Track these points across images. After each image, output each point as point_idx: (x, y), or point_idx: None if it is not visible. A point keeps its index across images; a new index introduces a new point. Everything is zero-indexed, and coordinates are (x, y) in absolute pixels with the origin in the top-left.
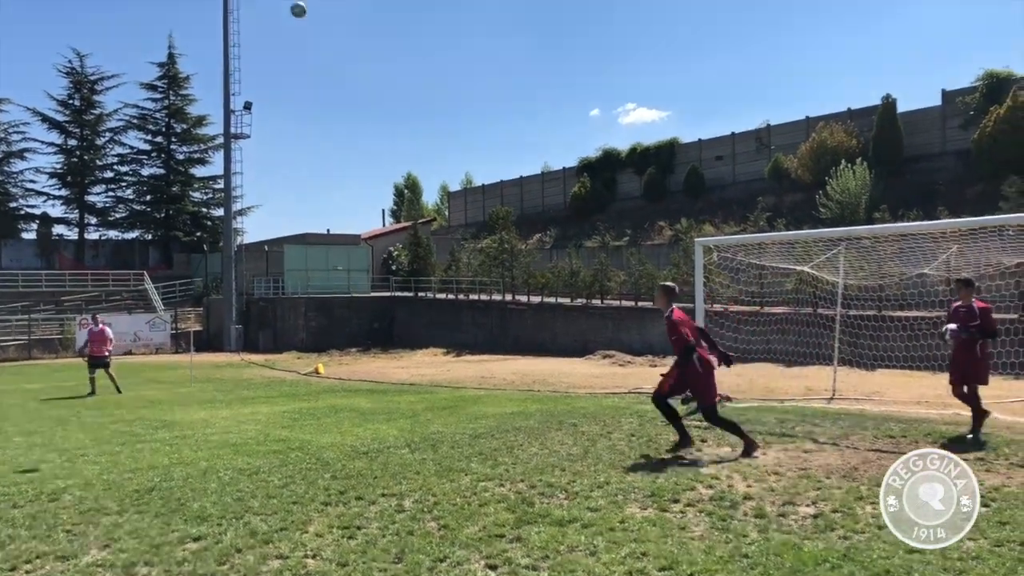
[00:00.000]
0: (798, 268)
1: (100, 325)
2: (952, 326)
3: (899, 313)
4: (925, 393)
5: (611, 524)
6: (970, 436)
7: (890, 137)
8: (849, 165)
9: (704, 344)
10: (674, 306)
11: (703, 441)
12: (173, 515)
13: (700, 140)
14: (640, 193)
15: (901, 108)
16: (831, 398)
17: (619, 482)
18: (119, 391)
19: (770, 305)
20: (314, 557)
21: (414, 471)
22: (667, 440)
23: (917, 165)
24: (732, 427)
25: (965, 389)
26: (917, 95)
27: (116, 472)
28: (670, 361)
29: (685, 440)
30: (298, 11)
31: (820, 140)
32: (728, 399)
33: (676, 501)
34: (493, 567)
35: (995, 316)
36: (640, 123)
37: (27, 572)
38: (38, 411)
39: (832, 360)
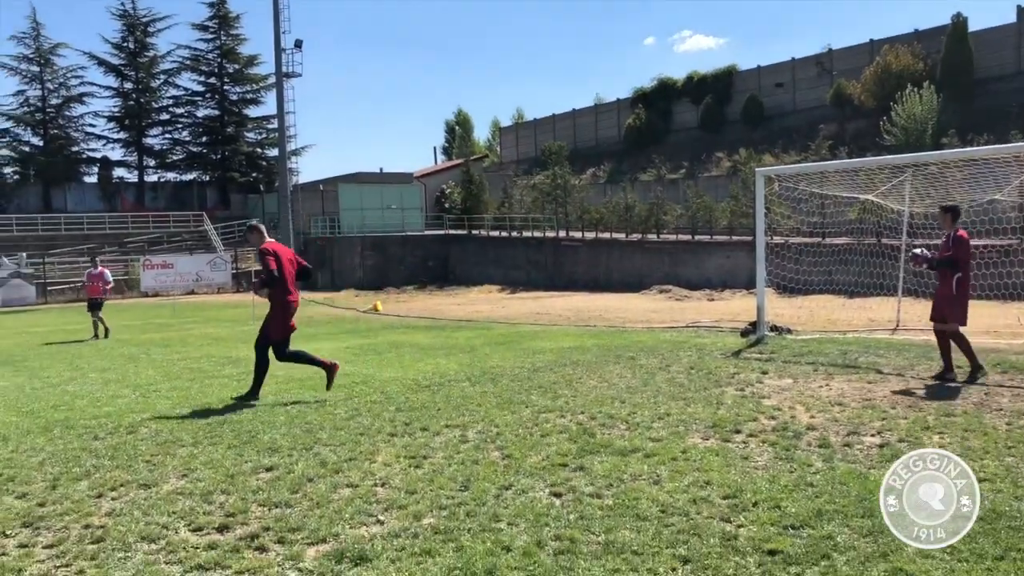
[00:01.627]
0: (862, 197)
1: (100, 267)
2: (917, 250)
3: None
4: (994, 323)
5: (673, 454)
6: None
7: (960, 58)
8: (915, 89)
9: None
10: (267, 239)
11: (764, 373)
12: (245, 447)
13: (759, 67)
14: (697, 124)
15: (972, 27)
16: (895, 329)
17: (680, 414)
18: (106, 336)
19: (832, 236)
20: (383, 485)
21: (476, 403)
22: (727, 372)
23: (988, 87)
24: (304, 359)
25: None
26: (990, 13)
27: (187, 407)
28: (728, 294)
29: (329, 373)
30: None
31: (885, 64)
32: (789, 331)
33: (738, 432)
34: (558, 495)
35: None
36: (696, 51)
37: (113, 499)
38: (109, 349)
39: (896, 291)
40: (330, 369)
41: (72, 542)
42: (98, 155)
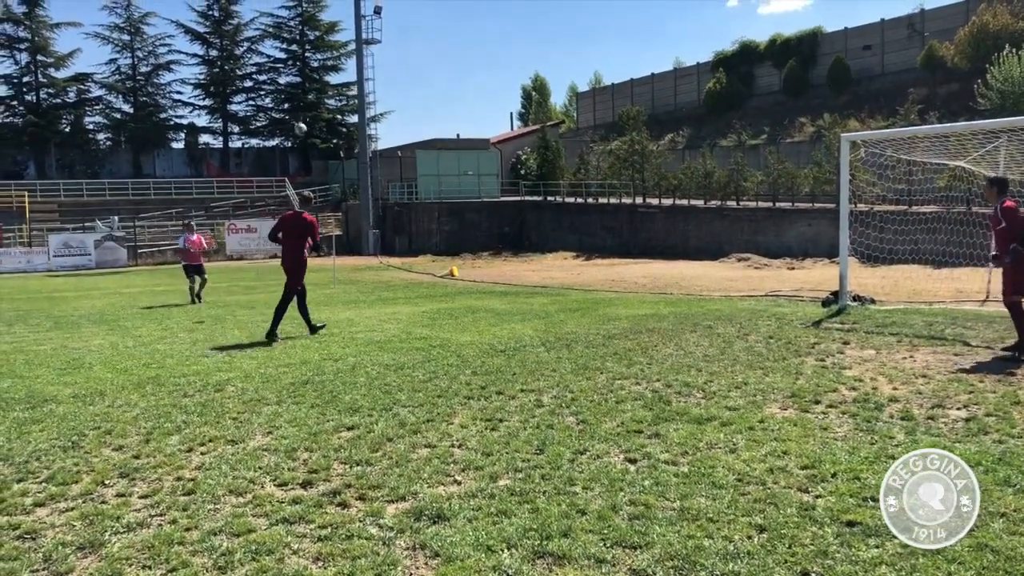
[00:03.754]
0: (952, 164)
1: (196, 234)
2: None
3: None
4: None
5: (750, 423)
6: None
7: None
8: (1014, 50)
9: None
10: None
11: (845, 343)
12: (327, 406)
13: (846, 29)
14: (779, 88)
15: None
16: (985, 300)
17: (757, 383)
18: (199, 300)
19: (919, 204)
20: (460, 447)
21: (551, 369)
22: (807, 342)
23: None
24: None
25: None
26: None
27: (272, 366)
28: (809, 263)
29: None
30: None
31: (981, 23)
32: (872, 301)
33: (818, 402)
34: (632, 461)
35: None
36: (780, 12)
37: (202, 453)
38: (196, 311)
39: (987, 261)
40: (312, 328)
41: (165, 493)
42: (185, 122)
